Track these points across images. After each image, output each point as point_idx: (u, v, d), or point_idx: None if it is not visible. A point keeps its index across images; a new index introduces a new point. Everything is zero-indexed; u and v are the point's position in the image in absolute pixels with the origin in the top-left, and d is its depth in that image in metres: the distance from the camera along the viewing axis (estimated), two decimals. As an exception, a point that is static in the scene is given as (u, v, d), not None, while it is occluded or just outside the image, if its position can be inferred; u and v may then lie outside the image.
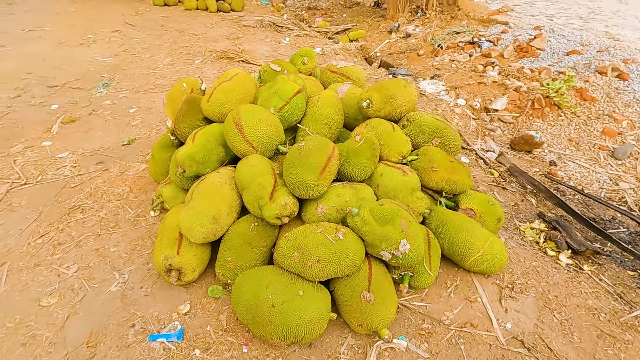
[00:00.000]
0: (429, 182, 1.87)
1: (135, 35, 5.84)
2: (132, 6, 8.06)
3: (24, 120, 3.18)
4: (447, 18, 6.69)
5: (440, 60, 5.56)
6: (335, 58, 5.74)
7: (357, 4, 9.09)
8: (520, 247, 2.04)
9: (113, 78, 4.11)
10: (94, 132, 3.01)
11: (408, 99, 1.99)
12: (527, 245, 2.08)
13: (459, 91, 4.58)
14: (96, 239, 1.95)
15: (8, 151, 2.71)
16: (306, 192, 1.52)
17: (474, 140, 3.56)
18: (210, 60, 4.75)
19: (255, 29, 6.53)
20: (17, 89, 3.79)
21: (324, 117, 1.92)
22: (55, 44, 5.33)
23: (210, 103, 1.84)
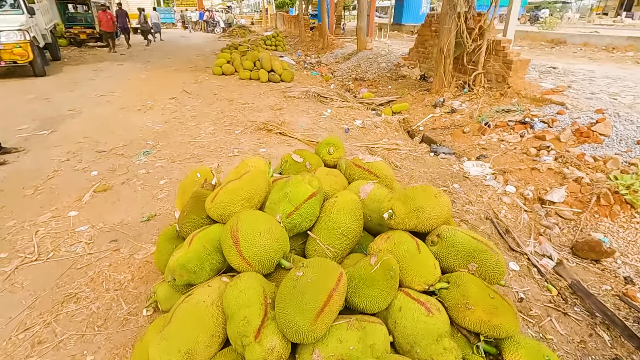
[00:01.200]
0: (462, 321, 1.49)
1: (188, 103, 6.29)
2: (194, 75, 8.89)
3: (63, 185, 3.32)
4: (496, 95, 6.46)
5: (487, 139, 5.23)
6: (375, 131, 5.66)
7: (403, 76, 9.26)
8: (591, 421, 1.52)
9: (155, 145, 4.30)
10: (120, 204, 3.02)
11: (439, 211, 1.70)
12: (601, 417, 1.54)
13: (508, 176, 4.16)
14: (78, 340, 1.77)
15: (36, 219, 2.77)
16: (297, 338, 1.23)
17: (525, 239, 3.08)
18: (250, 131, 4.86)
19: (299, 99, 6.76)
20: (69, 152, 4.07)
21: (339, 226, 1.67)
22: (117, 109, 5.85)
23: (214, 204, 1.69)
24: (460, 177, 4.17)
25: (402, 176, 4.02)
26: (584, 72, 7.59)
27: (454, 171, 4.35)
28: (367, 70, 10.15)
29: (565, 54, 12.23)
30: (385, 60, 10.39)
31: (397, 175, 4.02)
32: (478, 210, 3.49)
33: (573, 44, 14.32)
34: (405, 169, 4.24)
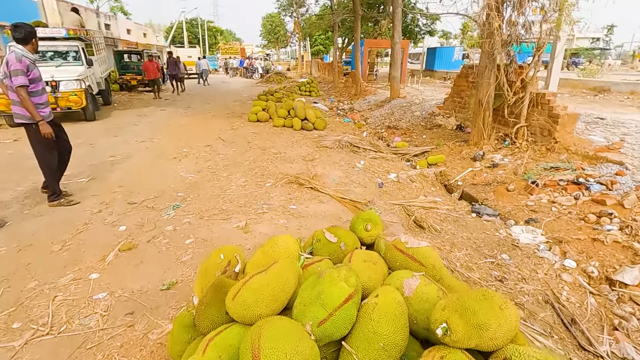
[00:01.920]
0: None
1: (222, 151, 6.36)
2: (230, 122, 9.16)
3: (90, 241, 3.26)
4: (542, 150, 6.05)
5: (536, 199, 4.79)
6: (411, 186, 5.37)
7: (438, 126, 9.05)
8: None
9: (186, 198, 4.25)
10: (143, 267, 2.89)
11: (506, 328, 1.37)
12: None
13: (565, 247, 3.69)
14: None
15: (57, 282, 2.67)
16: None
17: (598, 334, 2.58)
18: (280, 184, 4.74)
19: (331, 149, 6.68)
20: (102, 203, 4.09)
21: (381, 339, 1.38)
22: (154, 157, 6.00)
23: (235, 303, 1.47)
24: (509, 246, 3.74)
25: (443, 242, 3.66)
26: (637, 124, 7.02)
27: (501, 237, 3.93)
28: (401, 118, 10.06)
29: (611, 102, 11.61)
30: (419, 108, 10.29)
31: (437, 241, 3.67)
32: (534, 290, 3.04)
33: (618, 92, 13.68)
34: (446, 234, 3.88)
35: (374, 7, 22.89)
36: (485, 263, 3.40)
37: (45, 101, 3.79)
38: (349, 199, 4.33)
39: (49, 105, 3.88)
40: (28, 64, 3.53)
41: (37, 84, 3.66)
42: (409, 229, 3.87)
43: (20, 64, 3.44)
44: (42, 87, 3.76)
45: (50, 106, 3.89)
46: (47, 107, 3.80)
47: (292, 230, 3.54)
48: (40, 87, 3.72)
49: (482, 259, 3.47)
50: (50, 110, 3.87)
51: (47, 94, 3.89)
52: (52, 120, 3.88)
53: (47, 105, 3.81)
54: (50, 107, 3.88)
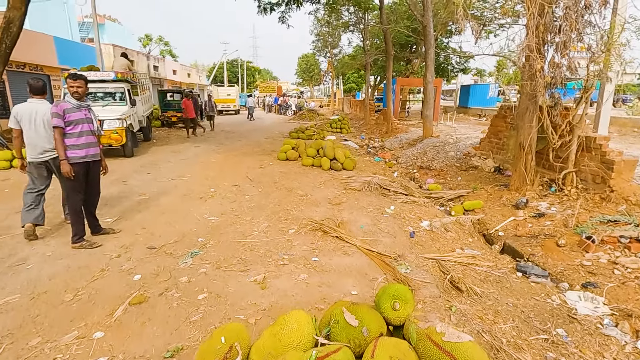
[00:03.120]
0: None
1: (248, 192, 6.27)
2: (260, 160, 9.21)
3: (102, 291, 3.13)
4: (595, 199, 5.43)
5: (593, 259, 4.19)
6: (446, 236, 4.93)
7: (474, 167, 8.57)
8: None
9: (206, 244, 4.10)
10: (149, 326, 2.68)
11: None
12: None
13: (636, 323, 3.09)
14: None
15: (60, 340, 2.51)
16: None
17: None
18: (304, 231, 4.50)
19: (360, 192, 6.40)
20: (122, 246, 4.02)
21: None
22: (181, 196, 6.01)
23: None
24: (565, 318, 3.19)
25: (485, 310, 3.18)
26: None
27: (554, 306, 3.38)
28: (434, 158, 9.68)
29: (669, 143, 10.61)
30: (454, 148, 9.88)
31: (478, 308, 3.20)
32: (604, 384, 2.48)
33: (673, 130, 12.57)
34: (488, 299, 3.40)
35: (406, 47, 23.25)
36: (537, 340, 2.88)
37: (82, 143, 3.88)
38: (377, 252, 3.98)
39: (89, 148, 3.95)
40: (65, 107, 3.75)
41: (73, 126, 3.81)
42: (444, 290, 3.44)
43: (57, 107, 3.73)
44: (81, 130, 3.87)
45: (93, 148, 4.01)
46: (82, 149, 3.88)
47: (313, 288, 3.24)
48: (77, 129, 3.85)
49: (533, 333, 2.95)
50: (89, 154, 3.96)
51: (91, 136, 4.00)
52: (90, 164, 4.03)
53: (82, 148, 3.88)
54: (90, 150, 3.97)
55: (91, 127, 4.00)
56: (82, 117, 3.88)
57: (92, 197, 4.23)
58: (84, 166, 3.95)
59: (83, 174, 3.96)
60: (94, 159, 4.06)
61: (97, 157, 4.13)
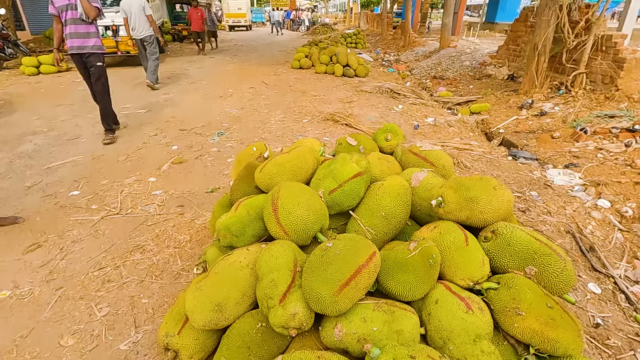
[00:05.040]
0: (509, 328, 1.31)
1: (265, 93, 6.63)
2: (274, 69, 9.34)
3: (148, 155, 3.76)
4: (600, 98, 5.59)
5: (581, 146, 4.57)
6: (449, 131, 5.32)
7: (488, 76, 8.54)
8: None
9: (229, 128, 4.63)
10: (192, 176, 3.31)
11: (496, 205, 1.52)
12: None
13: (602, 189, 3.58)
14: (138, 284, 1.98)
15: (123, 181, 3.18)
16: (319, 307, 1.20)
17: (615, 262, 2.61)
18: (317, 120, 4.94)
19: (371, 94, 6.67)
20: (157, 129, 4.59)
21: (383, 209, 1.60)
22: (202, 96, 6.42)
23: (262, 174, 1.75)
24: (541, 185, 3.70)
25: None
26: None
27: (534, 178, 3.88)
28: (448, 68, 9.59)
29: None
30: (470, 58, 9.70)
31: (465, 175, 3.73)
32: (557, 222, 3.06)
33: None
34: (475, 170, 3.91)
35: (432, -51, 20.86)
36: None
37: (68, 33, 3.76)
38: (382, 135, 4.44)
39: (73, 39, 3.78)
40: None
41: (61, 14, 3.69)
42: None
43: None
44: (65, 18, 3.70)
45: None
46: (68, 40, 3.78)
47: (324, 158, 3.78)
48: (63, 18, 3.71)
49: (509, 193, 3.50)
50: (75, 46, 3.80)
51: (80, 25, 3.77)
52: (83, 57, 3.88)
53: (69, 39, 3.78)
54: (75, 41, 3.79)
55: (74, 15, 3.67)
56: (64, 4, 3.64)
57: (97, 96, 4.09)
58: (77, 58, 3.87)
59: (81, 67, 3.93)
60: (80, 51, 3.82)
61: (87, 49, 3.82)
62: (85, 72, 4.01)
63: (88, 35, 3.82)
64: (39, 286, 1.97)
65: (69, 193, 2.98)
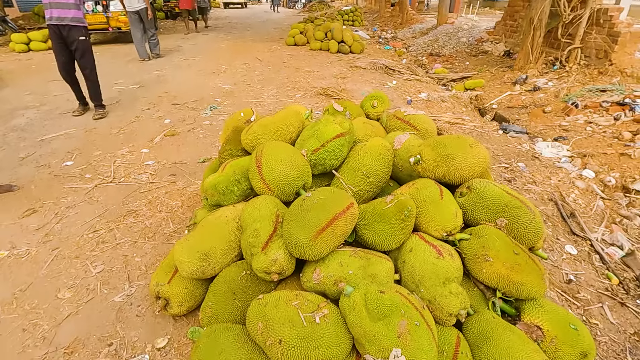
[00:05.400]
0: (478, 274, 1.40)
1: (258, 69, 6.58)
2: (268, 45, 9.21)
3: (140, 129, 3.78)
4: (594, 73, 5.59)
5: (571, 120, 4.61)
6: (442, 106, 5.33)
7: (484, 52, 8.46)
8: (620, 407, 1.34)
9: (222, 103, 4.63)
10: (184, 147, 3.35)
11: (472, 162, 1.58)
12: (635, 407, 1.35)
13: (588, 160, 3.66)
14: (131, 245, 2.06)
15: (116, 152, 3.22)
16: (297, 252, 1.28)
17: (594, 226, 2.71)
18: (310, 95, 4.95)
19: (365, 70, 6.63)
20: (150, 103, 4.59)
21: (364, 168, 1.66)
22: (196, 72, 6.37)
23: (247, 135, 1.80)
24: (529, 157, 3.77)
25: (460, 149, 3.76)
26: None
27: (523, 150, 3.94)
28: (445, 45, 9.48)
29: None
30: (467, 34, 9.58)
31: (455, 147, 3.78)
32: (542, 191, 3.14)
33: None
34: (465, 143, 3.95)
35: None
36: (498, 167, 3.51)
37: (47, 2, 3.60)
38: (374, 109, 4.46)
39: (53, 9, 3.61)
40: None
41: None
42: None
43: None
44: None
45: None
46: (48, 10, 3.62)
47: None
48: None
49: (496, 164, 3.57)
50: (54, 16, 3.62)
51: None
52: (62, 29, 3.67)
53: (47, 8, 3.62)
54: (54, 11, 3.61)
55: None
56: None
57: (86, 73, 3.93)
58: (55, 30, 3.65)
59: (57, 39, 3.69)
60: (59, 22, 3.62)
61: (67, 21, 3.62)
62: (60, 46, 3.73)
63: (67, 5, 3.62)
64: (35, 247, 2.05)
65: (62, 163, 3.03)
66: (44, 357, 1.43)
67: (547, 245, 2.40)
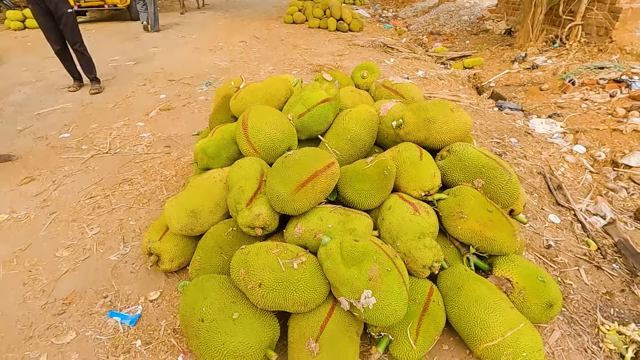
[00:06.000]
0: (453, 231, 1.47)
1: (255, 47, 6.52)
2: (266, 23, 9.08)
3: (136, 103, 3.81)
4: (593, 51, 5.53)
5: (567, 97, 4.60)
6: (439, 84, 5.31)
7: (485, 31, 8.33)
8: (582, 353, 1.43)
9: (218, 79, 4.63)
10: (179, 121, 3.39)
11: (453, 126, 1.62)
12: (598, 355, 1.44)
13: (580, 136, 3.68)
14: (126, 210, 2.14)
15: (112, 125, 3.27)
16: (279, 206, 1.35)
17: (579, 198, 2.77)
18: (305, 72, 4.93)
19: (363, 48, 6.57)
20: (146, 79, 4.59)
21: (348, 133, 1.71)
22: (192, 49, 6.33)
23: (236, 100, 1.84)
24: (522, 133, 3.79)
25: (453, 125, 3.78)
26: None
27: (516, 127, 3.96)
28: (446, 23, 9.33)
29: None
30: (468, 12, 9.41)
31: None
32: (531, 165, 3.19)
33: None
34: (459, 119, 3.97)
35: None
36: (490, 143, 3.54)
37: None
38: (369, 86, 4.46)
39: None
40: None
41: None
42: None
43: None
44: None
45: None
46: None
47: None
48: None
49: (488, 139, 3.60)
50: None
51: None
52: None
53: None
54: None
55: None
56: None
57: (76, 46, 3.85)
58: (39, 5, 3.49)
59: (44, 15, 3.56)
60: None
61: None
62: (49, 23, 3.62)
63: None
64: (34, 211, 2.12)
65: (59, 135, 3.08)
66: (43, 307, 1.53)
67: (530, 215, 2.47)
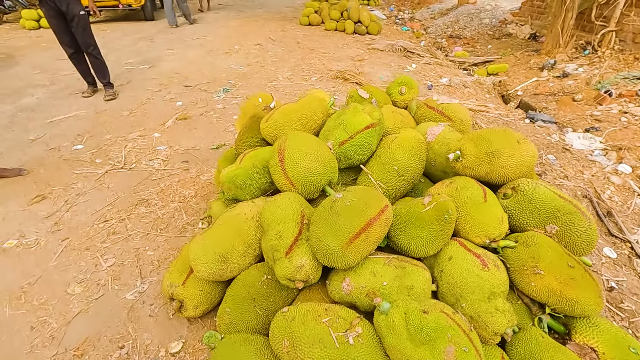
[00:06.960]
0: (525, 287, 1.26)
1: (272, 49, 6.34)
2: (281, 24, 8.90)
3: (152, 111, 3.65)
4: (629, 59, 5.23)
5: (604, 109, 4.32)
6: (463, 91, 5.07)
7: (508, 35, 8.03)
8: None
9: (235, 85, 4.45)
10: (196, 132, 3.22)
11: (519, 160, 1.41)
12: None
13: (624, 154, 3.42)
14: (143, 237, 1.96)
15: (127, 136, 3.11)
16: (327, 260, 1.15)
17: (632, 227, 2.52)
18: (326, 78, 4.73)
19: (383, 52, 6.34)
20: (161, 84, 4.44)
21: (395, 163, 1.50)
22: (207, 51, 6.17)
23: (268, 124, 1.65)
24: (559, 149, 3.54)
25: (486, 139, 3.55)
26: None
27: (552, 141, 3.71)
28: (466, 27, 9.04)
29: None
30: (490, 15, 9.11)
31: (480, 137, 3.57)
32: (574, 186, 2.94)
33: None
34: (491, 133, 3.74)
35: None
36: (527, 160, 3.30)
37: None
38: (394, 95, 4.24)
39: None
40: None
41: None
42: (451, 125, 3.78)
43: None
44: None
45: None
46: None
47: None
48: None
49: (524, 156, 3.36)
50: None
51: None
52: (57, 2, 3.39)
53: None
54: None
55: None
56: None
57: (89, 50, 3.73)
58: (51, 6, 3.37)
59: (56, 17, 3.44)
60: None
61: None
62: (61, 25, 3.49)
63: None
64: (44, 236, 1.96)
65: (72, 147, 2.93)
66: (52, 359, 1.35)
67: (583, 247, 2.24)
